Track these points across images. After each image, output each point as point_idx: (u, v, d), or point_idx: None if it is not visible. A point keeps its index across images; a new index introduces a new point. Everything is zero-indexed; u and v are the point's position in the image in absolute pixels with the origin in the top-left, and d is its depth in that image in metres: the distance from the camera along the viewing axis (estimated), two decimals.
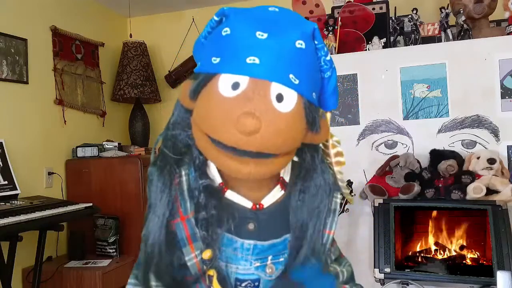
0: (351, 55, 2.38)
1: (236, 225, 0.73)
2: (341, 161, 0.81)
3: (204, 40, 0.72)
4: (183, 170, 0.74)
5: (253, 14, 0.67)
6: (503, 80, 2.13)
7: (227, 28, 0.66)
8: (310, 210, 0.76)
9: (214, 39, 0.68)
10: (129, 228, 2.70)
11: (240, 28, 0.65)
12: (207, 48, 0.69)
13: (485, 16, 2.30)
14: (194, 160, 0.74)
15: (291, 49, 0.64)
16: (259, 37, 0.63)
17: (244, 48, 0.63)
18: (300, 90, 0.65)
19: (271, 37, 0.63)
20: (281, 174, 0.79)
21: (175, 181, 0.74)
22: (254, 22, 0.65)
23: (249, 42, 0.63)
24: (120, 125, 3.55)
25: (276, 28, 0.65)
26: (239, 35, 0.65)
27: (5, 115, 2.48)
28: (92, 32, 3.25)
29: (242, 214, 0.74)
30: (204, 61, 0.69)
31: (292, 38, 0.64)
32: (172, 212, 0.72)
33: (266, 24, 0.65)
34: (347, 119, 2.36)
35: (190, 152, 0.75)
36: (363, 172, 2.31)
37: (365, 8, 2.44)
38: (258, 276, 0.76)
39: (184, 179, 0.74)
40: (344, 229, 2.30)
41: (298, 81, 0.64)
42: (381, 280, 2.00)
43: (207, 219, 0.72)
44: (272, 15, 0.67)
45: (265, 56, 0.63)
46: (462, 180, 2.00)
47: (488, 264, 1.95)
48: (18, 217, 1.94)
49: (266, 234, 0.76)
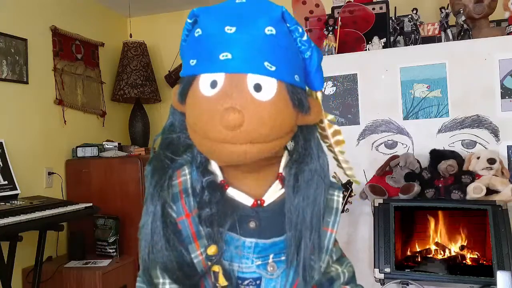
0: (351, 55, 2.38)
1: (238, 223, 0.74)
2: (340, 139, 0.81)
3: (184, 43, 0.73)
4: (187, 169, 0.76)
5: (221, 10, 0.68)
6: (503, 80, 2.13)
7: (199, 29, 0.67)
8: (306, 196, 0.75)
9: (190, 41, 0.70)
10: (129, 228, 2.71)
11: (210, 26, 0.66)
12: (186, 51, 0.71)
13: (485, 16, 2.30)
14: (195, 158, 0.76)
15: (261, 37, 0.64)
16: (228, 32, 0.64)
17: (216, 45, 0.64)
18: (278, 75, 0.65)
19: (239, 30, 0.64)
20: (280, 170, 0.79)
21: (178, 180, 0.76)
22: (222, 18, 0.65)
23: (220, 38, 0.64)
24: (120, 125, 3.55)
25: (243, 20, 0.65)
26: (209, 33, 0.65)
27: (5, 115, 2.48)
28: (92, 32, 3.25)
29: (243, 212, 0.75)
30: (185, 64, 0.70)
31: (261, 26, 0.64)
32: (168, 211, 0.74)
33: (234, 18, 0.65)
34: (347, 119, 2.36)
35: (191, 151, 0.77)
36: (363, 172, 2.31)
37: (365, 8, 2.44)
38: (259, 274, 0.76)
39: (188, 177, 0.76)
40: (344, 229, 2.30)
41: (275, 67, 0.65)
42: (381, 280, 2.00)
43: (211, 216, 0.73)
44: (238, 7, 0.67)
45: (236, 49, 0.63)
46: (462, 180, 2.00)
47: (488, 264, 1.94)
48: (18, 217, 1.94)
49: (267, 232, 0.76)
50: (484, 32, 2.27)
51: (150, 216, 0.73)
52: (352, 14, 2.45)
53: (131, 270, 2.60)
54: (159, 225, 0.73)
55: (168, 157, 0.76)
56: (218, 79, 0.64)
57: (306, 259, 0.75)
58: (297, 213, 0.75)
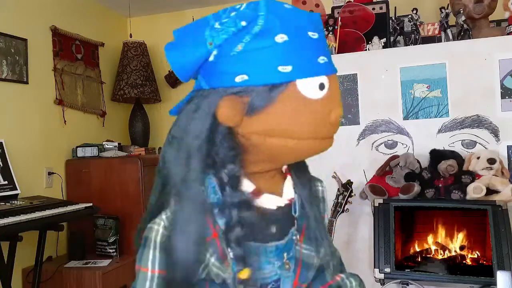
0: (351, 55, 2.38)
1: (262, 232, 0.74)
2: None
3: (235, 53, 0.66)
4: (216, 187, 0.72)
5: (291, 15, 0.68)
6: (503, 80, 2.13)
7: (283, 34, 0.65)
8: (304, 186, 0.81)
9: (267, 47, 0.65)
10: (129, 228, 2.70)
11: (295, 32, 0.66)
12: (257, 58, 0.65)
13: (485, 16, 2.30)
14: (229, 174, 0.71)
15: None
16: (313, 37, 0.68)
17: (312, 50, 0.67)
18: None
19: (320, 35, 0.69)
20: (284, 166, 0.81)
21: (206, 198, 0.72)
22: (300, 23, 0.67)
23: (312, 44, 0.68)
24: (120, 125, 3.55)
25: (316, 26, 0.69)
26: (299, 40, 0.66)
27: (5, 115, 2.48)
28: (92, 32, 3.25)
29: (267, 219, 0.74)
30: (257, 73, 0.66)
31: (323, 31, 0.72)
32: (203, 230, 0.70)
33: (308, 24, 0.68)
34: (347, 119, 2.36)
35: (219, 167, 0.72)
36: (363, 172, 2.31)
37: (365, 8, 2.44)
38: (279, 275, 0.77)
39: (215, 196, 0.72)
40: (344, 229, 2.30)
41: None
42: (381, 280, 2.00)
43: (240, 236, 0.70)
44: (297, 13, 0.69)
45: (326, 53, 0.70)
46: (462, 180, 2.00)
47: (488, 264, 1.95)
48: (18, 217, 1.94)
49: (283, 233, 0.77)
50: (484, 32, 2.27)
51: (192, 236, 0.68)
52: (352, 14, 2.45)
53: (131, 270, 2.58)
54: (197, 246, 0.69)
55: (200, 174, 0.70)
56: (324, 81, 0.68)
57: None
58: (309, 203, 0.79)
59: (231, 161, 0.70)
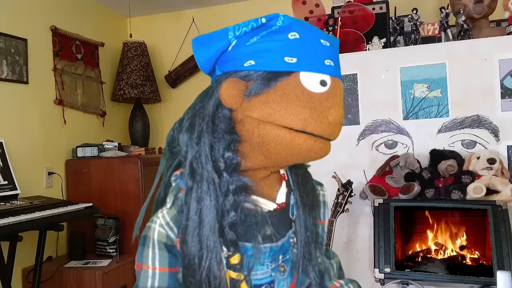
0: (351, 55, 2.38)
1: (255, 231, 0.74)
2: None
3: (250, 43, 0.71)
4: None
5: (309, 25, 0.75)
6: (503, 80, 2.13)
7: (294, 32, 0.71)
8: (305, 192, 0.81)
9: (279, 41, 0.70)
10: (129, 228, 2.71)
11: (308, 34, 0.72)
12: (267, 48, 0.70)
13: (485, 16, 2.30)
14: (225, 161, 0.72)
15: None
16: (324, 44, 0.73)
17: (321, 52, 0.72)
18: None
19: (332, 45, 0.74)
20: (282, 172, 0.82)
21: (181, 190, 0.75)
22: (315, 31, 0.74)
23: (322, 47, 0.72)
24: (120, 125, 3.55)
25: (330, 39, 0.75)
26: (310, 40, 0.72)
27: (5, 115, 2.48)
28: (92, 32, 3.25)
29: (260, 219, 0.74)
30: (264, 60, 0.70)
31: (337, 46, 0.77)
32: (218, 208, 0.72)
33: (323, 35, 0.74)
34: (347, 119, 2.36)
35: (216, 154, 0.73)
36: (363, 172, 2.31)
37: (365, 8, 2.44)
38: (273, 277, 0.77)
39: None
40: (344, 229, 2.30)
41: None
42: (381, 280, 2.00)
43: (235, 222, 0.71)
44: (317, 28, 0.76)
45: (334, 59, 0.74)
46: (462, 180, 2.00)
47: (488, 264, 1.94)
48: (18, 217, 1.94)
49: (278, 235, 0.77)
50: (484, 32, 2.27)
51: (212, 230, 0.69)
52: (352, 14, 2.45)
53: (131, 270, 2.60)
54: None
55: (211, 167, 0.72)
56: (327, 79, 0.71)
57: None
58: (305, 208, 0.79)
59: (228, 148, 0.72)
